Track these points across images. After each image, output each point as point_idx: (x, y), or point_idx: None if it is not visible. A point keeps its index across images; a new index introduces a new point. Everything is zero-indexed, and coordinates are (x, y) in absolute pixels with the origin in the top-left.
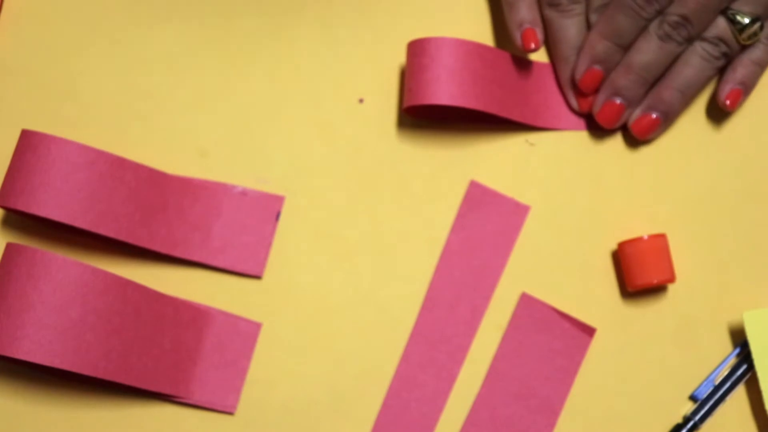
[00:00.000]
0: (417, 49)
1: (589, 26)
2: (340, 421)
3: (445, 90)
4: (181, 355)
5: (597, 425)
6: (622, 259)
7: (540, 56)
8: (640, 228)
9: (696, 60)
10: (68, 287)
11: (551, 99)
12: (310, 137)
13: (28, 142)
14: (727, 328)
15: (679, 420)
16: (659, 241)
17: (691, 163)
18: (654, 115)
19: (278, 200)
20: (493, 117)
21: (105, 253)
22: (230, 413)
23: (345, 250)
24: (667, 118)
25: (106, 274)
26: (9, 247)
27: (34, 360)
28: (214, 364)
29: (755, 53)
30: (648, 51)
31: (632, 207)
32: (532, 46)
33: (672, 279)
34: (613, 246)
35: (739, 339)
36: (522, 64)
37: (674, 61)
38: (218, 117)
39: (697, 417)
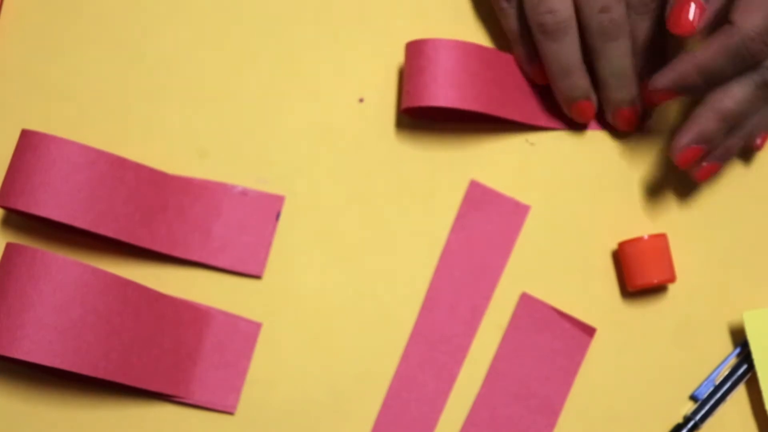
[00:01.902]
0: (414, 50)
1: (633, 24)
2: (340, 421)
3: (441, 92)
4: (181, 355)
5: (597, 425)
6: (622, 259)
7: None
8: (640, 228)
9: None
10: (68, 287)
11: (550, 98)
12: (310, 137)
13: (28, 142)
14: (727, 328)
15: (680, 420)
16: (659, 241)
17: None
18: (719, 163)
19: (278, 200)
20: (493, 117)
21: (105, 253)
22: (230, 413)
23: (345, 250)
24: (725, 162)
25: (106, 274)
26: (9, 247)
27: (34, 360)
28: (214, 364)
29: None
30: (743, 102)
31: (632, 207)
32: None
33: (672, 279)
34: (613, 246)
35: (739, 339)
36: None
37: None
38: (218, 117)
39: (698, 417)
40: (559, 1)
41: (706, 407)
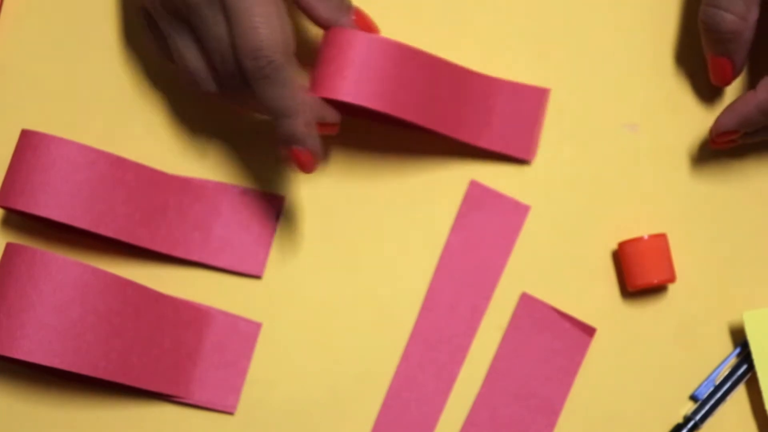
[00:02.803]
0: (329, 39)
1: None
2: (340, 421)
3: (343, 85)
4: (181, 355)
5: (597, 425)
6: (622, 259)
7: (492, 69)
8: (640, 228)
9: None
10: (68, 287)
11: (487, 115)
12: None
13: (28, 142)
14: (727, 328)
15: (680, 420)
16: (659, 241)
17: (691, 163)
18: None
19: (278, 200)
20: (422, 125)
21: (105, 253)
22: (230, 413)
23: (345, 250)
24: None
25: (106, 274)
26: (9, 247)
27: (34, 360)
28: (214, 364)
29: None
30: None
31: (632, 207)
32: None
33: (672, 279)
34: (613, 246)
35: (739, 339)
36: (461, 74)
37: None
38: (218, 117)
39: (698, 417)
40: None
41: (706, 407)
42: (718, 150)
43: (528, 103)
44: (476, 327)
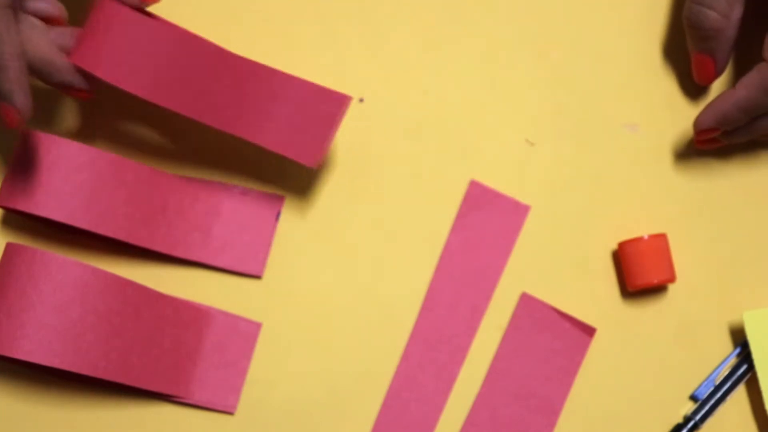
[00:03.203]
0: (99, 5)
1: None
2: (340, 421)
3: (99, 62)
4: (181, 355)
5: (597, 425)
6: (622, 259)
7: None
8: (640, 228)
9: None
10: (68, 287)
11: (271, 113)
12: None
13: (28, 142)
14: (727, 328)
15: (680, 420)
16: (659, 241)
17: (691, 163)
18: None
19: (278, 200)
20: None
21: (105, 253)
22: (230, 413)
23: (345, 250)
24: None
25: (106, 274)
26: (9, 247)
27: (34, 360)
28: (214, 364)
29: None
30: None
31: (632, 207)
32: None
33: (672, 279)
34: (613, 246)
35: (739, 339)
36: (246, 68)
37: None
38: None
39: (698, 417)
40: None
41: (706, 407)
42: (704, 149)
43: (323, 107)
44: (476, 327)
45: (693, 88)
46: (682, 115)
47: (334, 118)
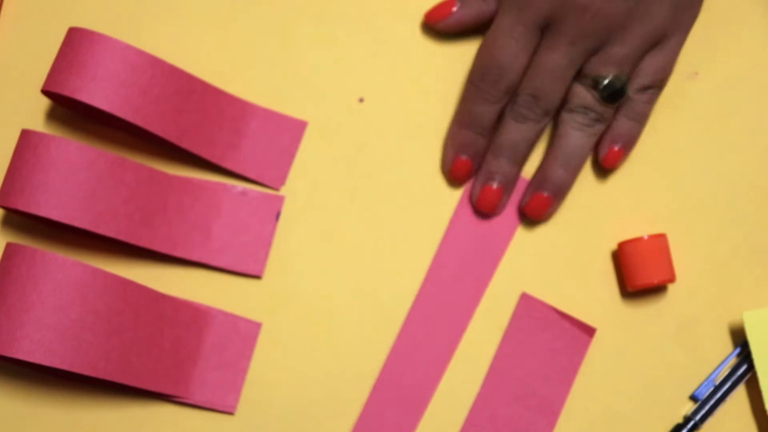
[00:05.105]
0: (69, 37)
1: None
2: (341, 421)
3: (68, 81)
4: (181, 355)
5: (597, 425)
6: (622, 259)
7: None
8: (640, 228)
9: (570, 132)
10: (68, 287)
11: (237, 139)
12: (310, 137)
13: (28, 142)
14: (727, 328)
15: (680, 420)
16: (659, 241)
17: (691, 163)
18: (545, 194)
19: (278, 200)
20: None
21: (105, 253)
22: (230, 413)
23: (345, 250)
24: (559, 194)
25: (106, 274)
26: (9, 247)
27: (34, 360)
28: (214, 364)
29: (631, 108)
30: (509, 132)
31: (632, 207)
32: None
33: (672, 279)
34: (613, 246)
35: (739, 339)
36: (213, 95)
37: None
38: None
39: (698, 417)
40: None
41: (706, 407)
42: (710, 149)
43: (284, 133)
44: (466, 324)
45: (693, 88)
46: (681, 115)
47: (294, 142)
